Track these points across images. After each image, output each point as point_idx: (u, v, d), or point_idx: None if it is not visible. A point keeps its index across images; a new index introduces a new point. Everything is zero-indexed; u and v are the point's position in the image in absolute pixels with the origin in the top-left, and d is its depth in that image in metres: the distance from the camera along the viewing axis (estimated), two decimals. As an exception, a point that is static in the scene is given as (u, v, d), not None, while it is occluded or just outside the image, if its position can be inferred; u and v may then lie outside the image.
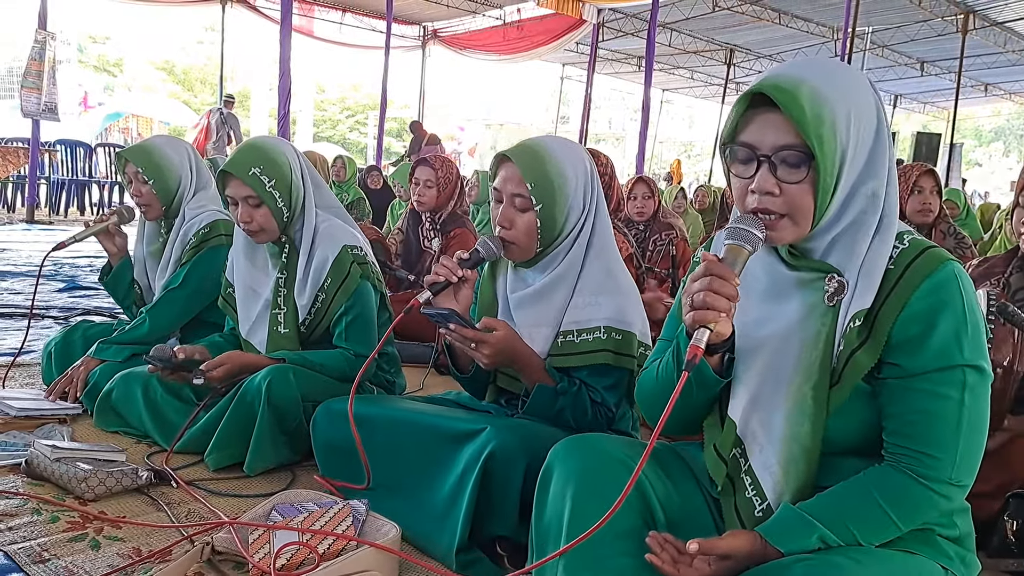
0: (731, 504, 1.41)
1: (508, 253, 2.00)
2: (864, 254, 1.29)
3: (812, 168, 1.25)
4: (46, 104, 9.72)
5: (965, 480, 1.27)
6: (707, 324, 1.21)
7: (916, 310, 1.25)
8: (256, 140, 2.52)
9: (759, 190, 1.28)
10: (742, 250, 1.27)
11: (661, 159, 30.27)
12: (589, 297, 1.98)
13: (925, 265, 1.26)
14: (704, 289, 1.23)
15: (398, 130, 29.62)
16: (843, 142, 1.25)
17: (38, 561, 1.73)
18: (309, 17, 15.85)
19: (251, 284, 2.59)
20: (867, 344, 1.28)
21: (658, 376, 1.49)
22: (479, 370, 2.07)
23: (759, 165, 1.28)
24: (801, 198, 1.27)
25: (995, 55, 16.83)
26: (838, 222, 1.30)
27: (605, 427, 2.01)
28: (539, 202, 1.92)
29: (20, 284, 5.30)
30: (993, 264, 2.39)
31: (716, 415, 1.47)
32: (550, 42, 15.35)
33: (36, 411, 2.57)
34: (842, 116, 1.24)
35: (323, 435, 2.15)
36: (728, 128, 1.33)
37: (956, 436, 1.24)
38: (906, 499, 1.26)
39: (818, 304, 1.31)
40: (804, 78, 1.25)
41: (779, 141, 1.26)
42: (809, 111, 1.22)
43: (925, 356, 1.25)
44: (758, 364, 1.37)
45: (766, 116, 1.27)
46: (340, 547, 1.71)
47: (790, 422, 1.33)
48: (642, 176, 4.75)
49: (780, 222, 1.29)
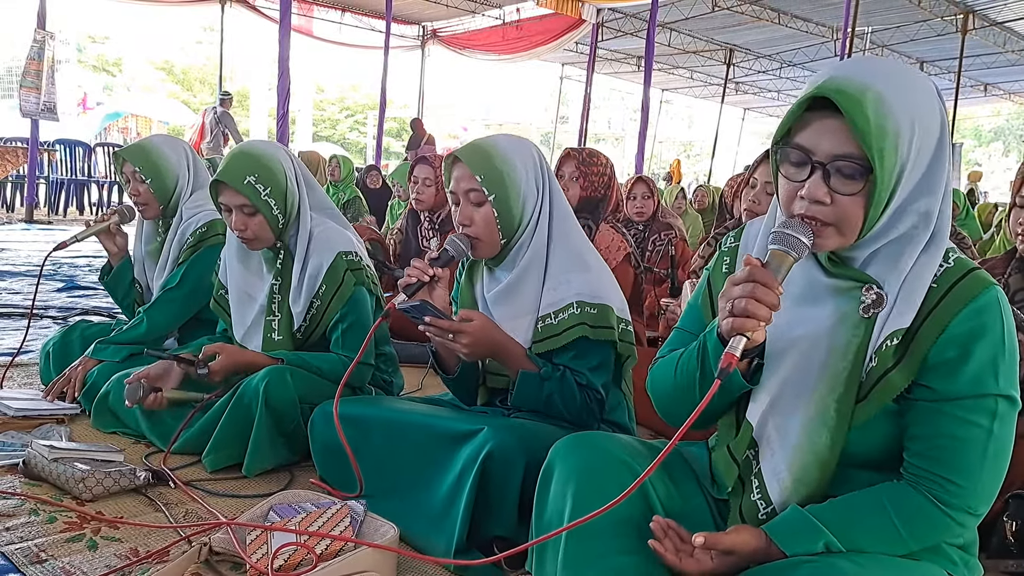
0: (735, 504, 1.41)
1: (475, 251, 2.04)
2: (908, 270, 1.25)
3: (868, 181, 1.19)
4: (45, 104, 9.73)
5: (982, 509, 1.26)
6: (745, 332, 1.17)
7: (955, 333, 1.22)
8: (249, 146, 2.49)
9: (809, 197, 1.22)
10: (787, 257, 1.22)
11: (660, 159, 30.28)
12: (559, 277, 2.02)
13: (969, 288, 1.23)
14: (746, 296, 1.18)
15: (397, 130, 29.62)
16: (903, 157, 1.19)
17: (35, 561, 1.72)
18: (308, 17, 15.84)
19: (245, 289, 2.57)
20: (902, 364, 1.24)
21: (676, 372, 1.44)
22: (466, 369, 2.08)
23: (812, 171, 1.22)
24: (852, 210, 1.21)
25: (995, 55, 16.84)
26: (885, 235, 1.25)
27: (597, 412, 2.01)
28: (491, 192, 1.97)
29: (19, 284, 5.30)
30: (992, 265, 2.38)
31: (732, 416, 1.44)
32: (549, 42, 15.35)
33: (34, 411, 2.56)
34: (906, 129, 1.18)
35: (321, 437, 2.15)
36: (782, 127, 1.27)
37: (981, 465, 1.23)
38: (922, 520, 1.25)
39: (852, 314, 1.28)
40: (870, 84, 1.18)
41: (837, 149, 1.20)
42: (873, 121, 1.16)
43: (959, 382, 1.22)
44: (783, 368, 1.34)
45: (825, 120, 1.21)
46: (338, 548, 1.71)
47: (808, 431, 1.30)
48: (641, 176, 4.74)
49: (826, 230, 1.24)
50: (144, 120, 20.58)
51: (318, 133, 33.87)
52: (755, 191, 2.79)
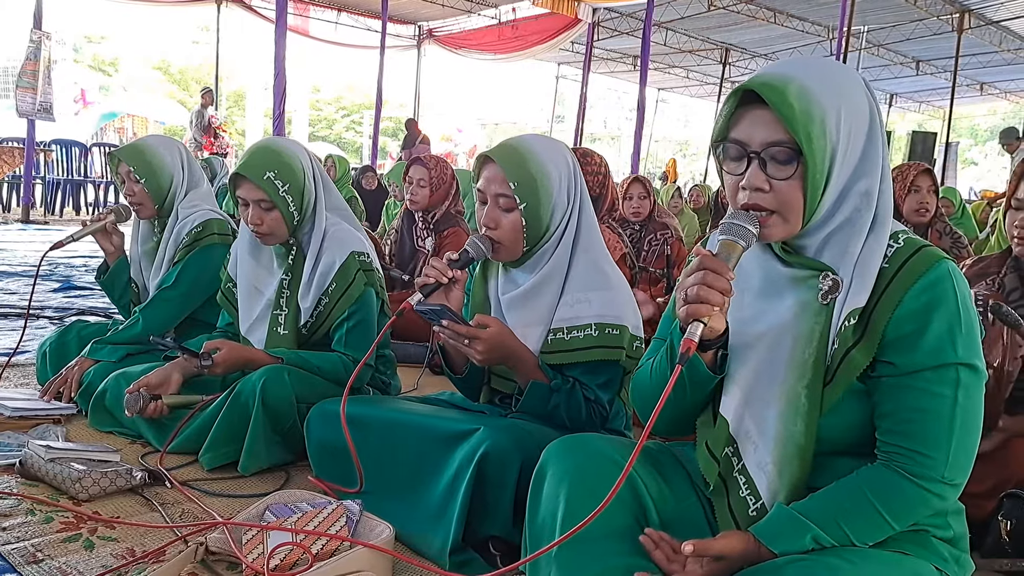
0: (724, 504, 1.42)
1: (496, 253, 2.01)
2: (858, 253, 1.29)
3: (801, 164, 1.25)
4: (41, 104, 9.72)
5: (958, 479, 1.27)
6: (701, 318, 1.22)
7: (910, 308, 1.25)
8: (270, 142, 2.50)
9: (749, 186, 1.28)
10: (736, 245, 1.27)
11: (657, 158, 30.27)
12: (578, 294, 1.99)
13: (919, 263, 1.27)
14: (698, 283, 1.23)
15: (394, 130, 29.60)
16: (833, 140, 1.25)
17: (32, 561, 1.72)
18: (304, 17, 15.84)
19: (255, 282, 2.58)
20: (862, 343, 1.28)
21: (652, 374, 1.49)
22: (473, 370, 2.08)
23: (749, 161, 1.29)
24: (791, 194, 1.27)
25: (991, 54, 16.86)
26: (831, 220, 1.30)
27: (599, 426, 2.01)
28: (523, 201, 1.93)
29: (15, 284, 5.29)
30: (988, 264, 2.39)
31: (709, 413, 1.47)
32: (545, 41, 15.35)
33: (30, 411, 2.56)
34: (832, 114, 1.24)
35: (317, 436, 2.15)
36: (719, 125, 1.33)
37: (949, 434, 1.25)
38: (899, 498, 1.26)
39: (812, 302, 1.31)
40: (793, 76, 1.25)
41: (768, 137, 1.26)
42: (798, 108, 1.22)
43: (919, 354, 1.25)
44: (752, 361, 1.37)
45: (756, 113, 1.28)
46: (334, 547, 1.71)
47: (784, 421, 1.33)
48: (638, 176, 4.75)
49: (770, 219, 1.29)
50: (140, 120, 20.56)
51: (314, 133, 33.86)
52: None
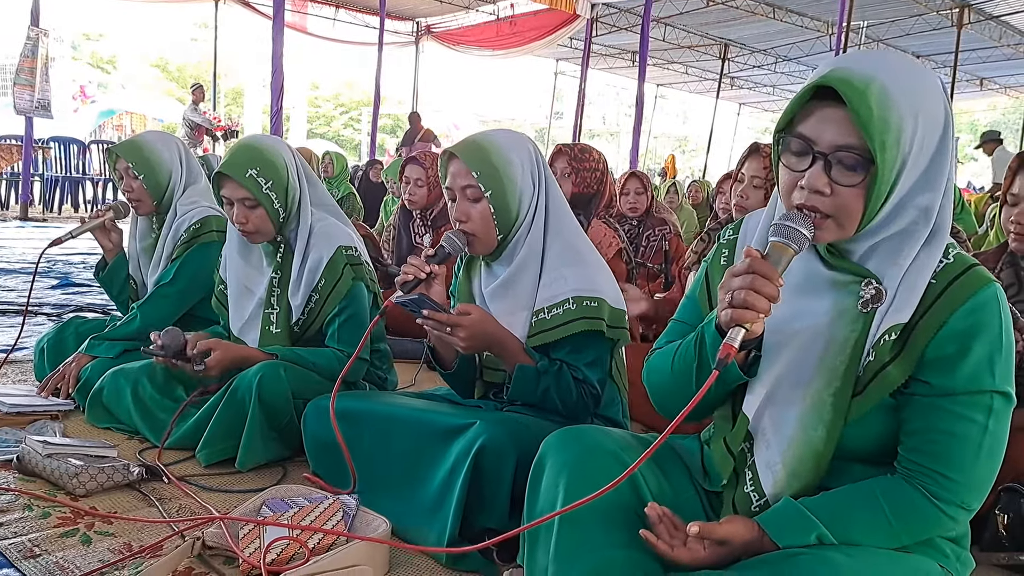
0: (729, 496, 1.41)
1: (472, 247, 2.04)
2: (907, 265, 1.24)
3: (869, 174, 1.19)
4: (39, 101, 9.70)
5: (975, 504, 1.26)
6: (744, 324, 1.17)
7: (954, 330, 1.22)
8: (252, 140, 2.51)
9: (809, 187, 1.22)
10: (787, 249, 1.21)
11: (656, 155, 30.26)
12: (554, 272, 2.02)
13: (968, 284, 1.23)
14: (745, 287, 1.17)
15: (392, 126, 29.60)
16: (905, 150, 1.19)
17: (29, 557, 1.72)
18: (302, 13, 15.80)
19: (245, 282, 2.58)
20: (899, 359, 1.25)
21: (674, 364, 1.44)
22: (463, 365, 2.09)
23: (813, 161, 1.22)
24: (852, 202, 1.21)
25: (990, 49, 16.85)
26: (884, 229, 1.25)
27: (592, 407, 2.01)
28: (488, 189, 1.97)
29: (13, 281, 5.29)
30: (984, 259, 2.38)
31: (728, 408, 1.44)
32: (543, 37, 15.31)
33: (28, 407, 2.56)
34: (909, 123, 1.18)
35: (313, 432, 2.15)
36: (785, 116, 1.26)
37: (975, 461, 1.23)
38: (915, 515, 1.26)
39: (850, 308, 1.28)
40: (875, 75, 1.17)
41: (839, 140, 1.20)
42: (877, 113, 1.16)
43: (957, 378, 1.23)
44: (780, 360, 1.34)
45: (828, 110, 1.20)
46: (330, 541, 1.72)
47: (803, 424, 1.31)
48: (635, 171, 4.74)
49: (825, 222, 1.23)
50: (139, 117, 20.56)
51: (313, 130, 33.83)
52: (743, 186, 2.77)
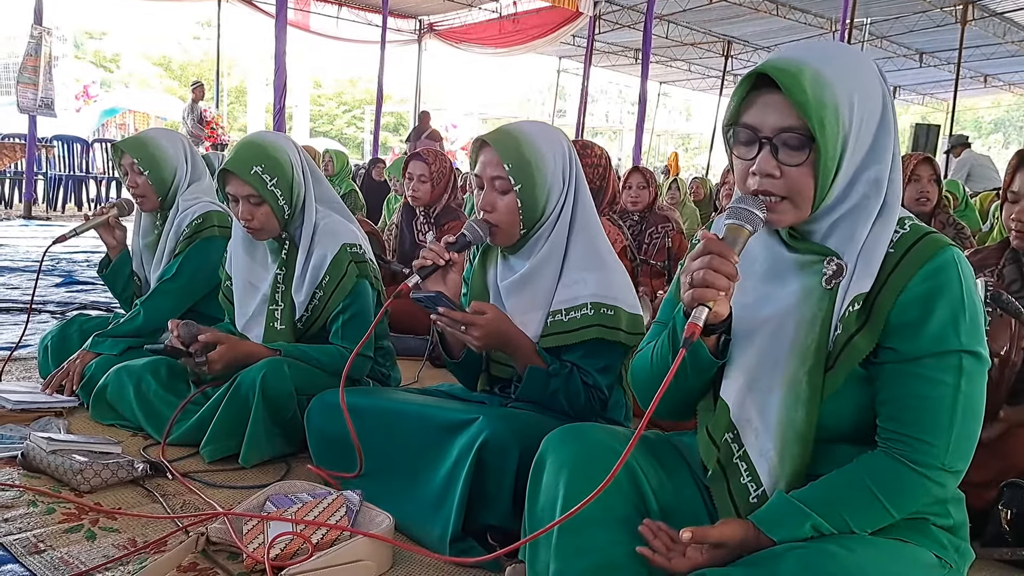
0: (723, 490, 1.41)
1: (493, 237, 2.02)
2: (864, 238, 1.28)
3: (813, 151, 1.24)
4: (42, 100, 9.72)
5: (958, 466, 1.26)
6: (706, 302, 1.20)
7: (914, 294, 1.25)
8: (256, 137, 2.51)
9: (760, 172, 1.27)
10: (742, 230, 1.26)
11: (659, 152, 30.24)
12: (575, 275, 2.00)
13: (925, 250, 1.26)
14: (703, 267, 1.22)
15: (395, 124, 29.59)
16: (845, 126, 1.24)
17: (34, 552, 1.73)
18: (305, 11, 15.80)
19: (250, 279, 2.59)
20: (865, 328, 1.27)
21: (652, 359, 1.48)
22: (470, 356, 2.09)
23: (760, 147, 1.28)
24: (802, 181, 1.26)
25: (994, 46, 16.80)
26: (839, 206, 1.30)
27: (599, 411, 2.02)
28: (518, 182, 1.95)
29: (17, 279, 5.30)
30: (987, 256, 2.39)
31: (709, 398, 1.46)
32: (546, 35, 15.31)
33: (32, 404, 2.57)
34: (845, 100, 1.23)
35: (317, 426, 2.16)
36: (731, 110, 1.32)
37: (950, 422, 1.24)
38: (898, 485, 1.26)
39: (816, 287, 1.30)
40: (807, 61, 1.24)
41: (780, 123, 1.25)
42: (811, 94, 1.21)
43: (922, 341, 1.24)
44: (754, 347, 1.36)
45: (768, 98, 1.26)
46: (334, 537, 1.72)
47: (786, 407, 1.32)
48: (638, 166, 4.75)
49: (780, 204, 1.29)
50: (142, 116, 20.56)
51: (315, 128, 33.83)
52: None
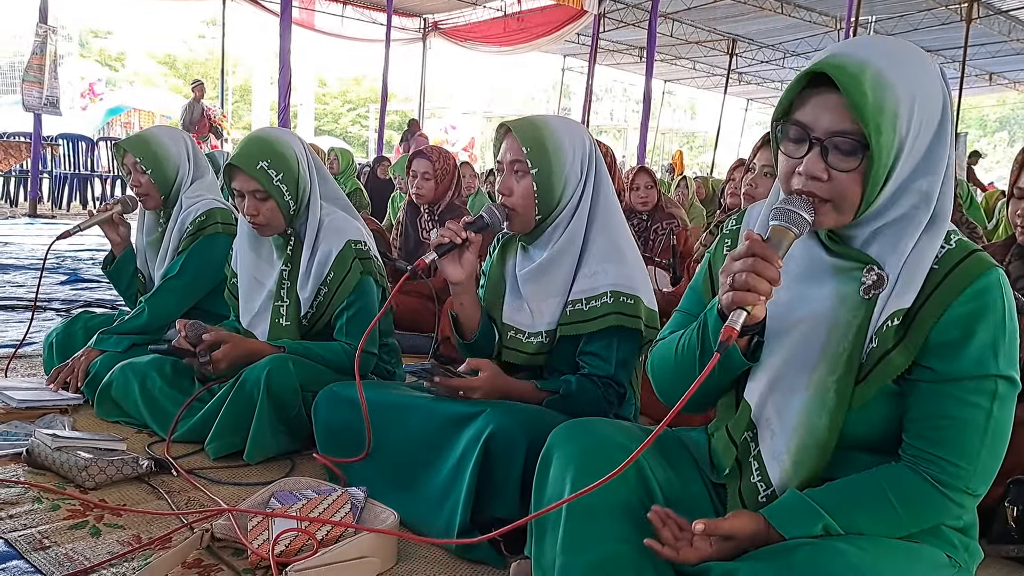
0: (735, 487, 1.41)
1: (510, 222, 2.05)
2: (909, 251, 1.24)
3: (866, 158, 1.19)
4: (47, 98, 9.74)
5: (981, 490, 1.26)
6: (745, 306, 1.17)
7: (957, 314, 1.22)
8: (263, 132, 2.51)
9: (807, 173, 1.23)
10: (788, 233, 1.22)
11: (663, 151, 30.19)
12: (595, 266, 2.02)
13: (971, 269, 1.23)
14: (746, 270, 1.18)
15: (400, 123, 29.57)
16: (902, 134, 1.19)
17: (38, 548, 1.73)
18: (310, 10, 15.81)
19: (255, 275, 2.59)
20: (903, 344, 1.24)
21: (677, 352, 1.45)
22: (481, 339, 2.13)
23: (810, 147, 1.23)
24: (849, 187, 1.22)
25: (999, 44, 16.76)
26: (885, 214, 1.25)
27: (617, 404, 2.04)
28: (535, 166, 1.97)
29: (22, 277, 5.31)
30: (992, 252, 2.38)
31: (732, 396, 1.45)
32: (551, 33, 15.28)
33: (37, 401, 2.57)
34: (905, 106, 1.18)
35: (324, 419, 2.16)
36: (782, 104, 1.27)
37: (980, 446, 1.22)
38: (920, 502, 1.25)
39: (852, 295, 1.27)
40: (870, 60, 1.18)
41: (834, 126, 1.20)
42: (871, 97, 1.16)
43: (961, 363, 1.22)
44: (783, 348, 1.33)
45: (824, 96, 1.21)
46: (339, 533, 1.72)
47: (808, 411, 1.30)
48: (643, 166, 4.74)
49: (823, 207, 1.24)
50: (147, 115, 20.58)
51: (320, 127, 33.85)
52: (753, 175, 2.79)
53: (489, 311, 2.17)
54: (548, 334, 2.05)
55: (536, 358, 2.08)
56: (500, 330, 2.14)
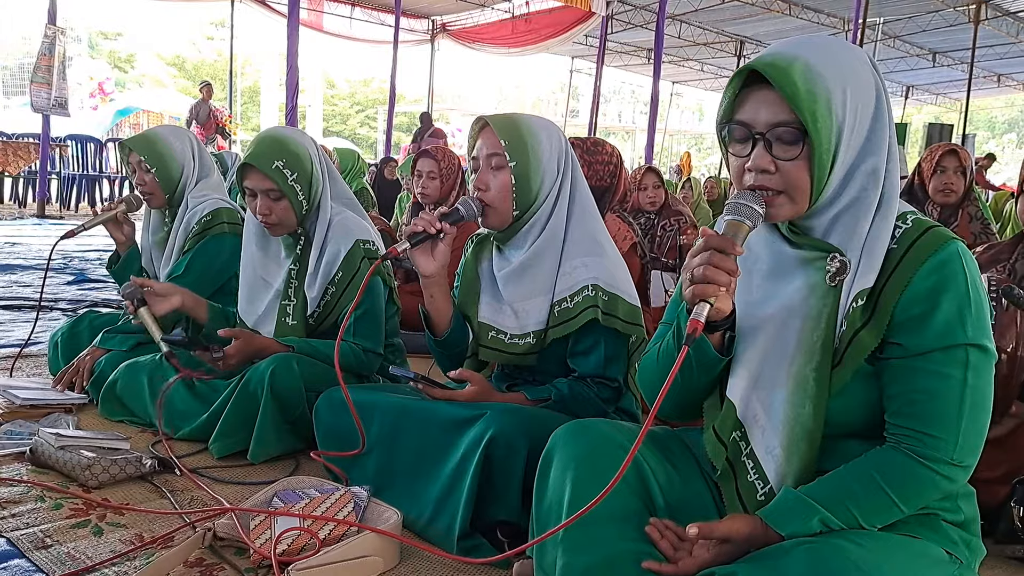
0: (732, 488, 1.40)
1: (486, 217, 2.03)
2: (866, 233, 1.28)
3: (807, 145, 1.24)
4: (56, 99, 9.77)
5: (968, 460, 1.25)
6: (707, 298, 1.21)
7: (919, 289, 1.24)
8: (276, 132, 2.51)
9: (755, 168, 1.28)
10: (742, 225, 1.26)
11: (671, 152, 30.17)
12: (575, 261, 2.02)
13: (928, 244, 1.25)
14: (704, 263, 1.22)
15: (408, 124, 29.60)
16: (839, 119, 1.24)
17: (41, 547, 1.73)
18: (318, 12, 15.85)
19: (262, 274, 2.59)
20: (870, 324, 1.26)
21: (659, 358, 1.48)
22: (454, 335, 2.10)
23: (755, 143, 1.28)
24: (797, 175, 1.26)
25: (1008, 45, 16.72)
26: (838, 200, 1.29)
27: (614, 401, 2.03)
28: (513, 159, 1.97)
29: (30, 277, 5.33)
30: (1000, 250, 2.37)
31: (716, 396, 1.45)
32: (559, 34, 15.31)
33: (42, 400, 2.58)
34: (837, 92, 1.24)
35: (325, 422, 2.15)
36: (724, 107, 1.33)
37: (958, 416, 1.23)
38: (908, 480, 1.25)
39: (820, 284, 1.30)
40: (798, 55, 1.24)
41: (773, 118, 1.25)
42: (802, 87, 1.22)
43: (928, 335, 1.24)
44: (759, 344, 1.36)
45: (760, 94, 1.27)
46: (341, 532, 1.71)
47: (792, 403, 1.31)
48: (651, 166, 4.74)
49: (777, 199, 1.28)
50: (156, 116, 20.64)
51: (329, 128, 33.93)
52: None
53: (463, 309, 2.14)
54: (536, 335, 2.03)
55: (526, 358, 2.06)
56: (476, 329, 2.11)
